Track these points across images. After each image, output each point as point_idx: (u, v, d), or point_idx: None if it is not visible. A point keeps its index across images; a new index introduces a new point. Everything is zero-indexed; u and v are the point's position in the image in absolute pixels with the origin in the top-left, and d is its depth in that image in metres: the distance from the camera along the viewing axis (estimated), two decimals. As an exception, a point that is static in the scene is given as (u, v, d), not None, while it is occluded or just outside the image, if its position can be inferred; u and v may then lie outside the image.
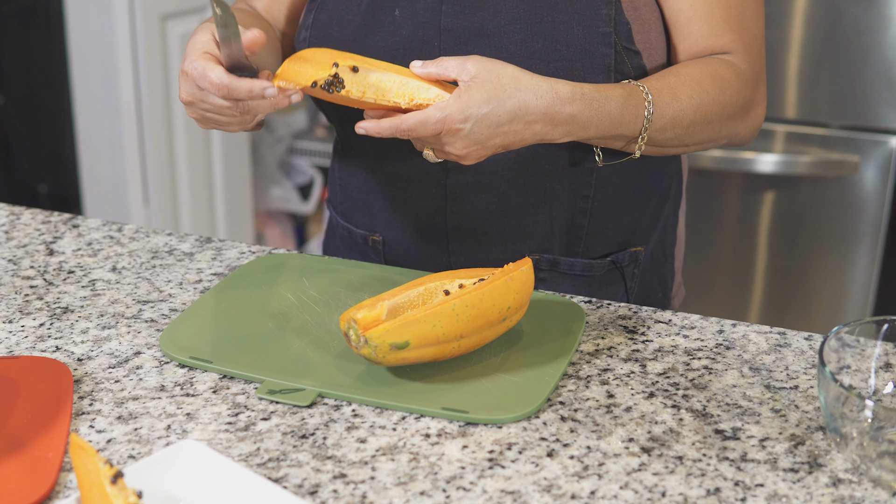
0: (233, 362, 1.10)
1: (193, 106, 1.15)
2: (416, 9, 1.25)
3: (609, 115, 1.15)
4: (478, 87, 1.08)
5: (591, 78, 1.20)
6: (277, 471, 0.94)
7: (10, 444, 0.99)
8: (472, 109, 1.08)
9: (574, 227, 1.30)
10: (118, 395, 1.06)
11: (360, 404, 1.04)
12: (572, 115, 1.13)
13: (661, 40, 1.27)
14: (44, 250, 1.38)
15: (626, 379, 1.09)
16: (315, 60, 1.10)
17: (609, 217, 1.31)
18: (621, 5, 1.22)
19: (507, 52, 1.21)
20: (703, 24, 1.25)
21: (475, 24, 1.23)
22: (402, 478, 0.93)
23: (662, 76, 1.22)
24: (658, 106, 1.18)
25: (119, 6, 2.89)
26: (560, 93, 1.11)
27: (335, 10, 1.30)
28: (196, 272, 1.32)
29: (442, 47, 1.24)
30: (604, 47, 1.21)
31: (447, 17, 1.24)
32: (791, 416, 1.03)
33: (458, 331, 1.04)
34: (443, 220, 1.31)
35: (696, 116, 1.21)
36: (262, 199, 3.53)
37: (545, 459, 0.96)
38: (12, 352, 1.15)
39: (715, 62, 1.24)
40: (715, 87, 1.21)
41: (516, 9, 1.22)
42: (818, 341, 1.17)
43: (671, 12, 1.26)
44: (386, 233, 1.36)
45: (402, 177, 1.31)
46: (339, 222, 1.42)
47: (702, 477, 0.94)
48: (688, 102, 1.20)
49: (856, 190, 2.54)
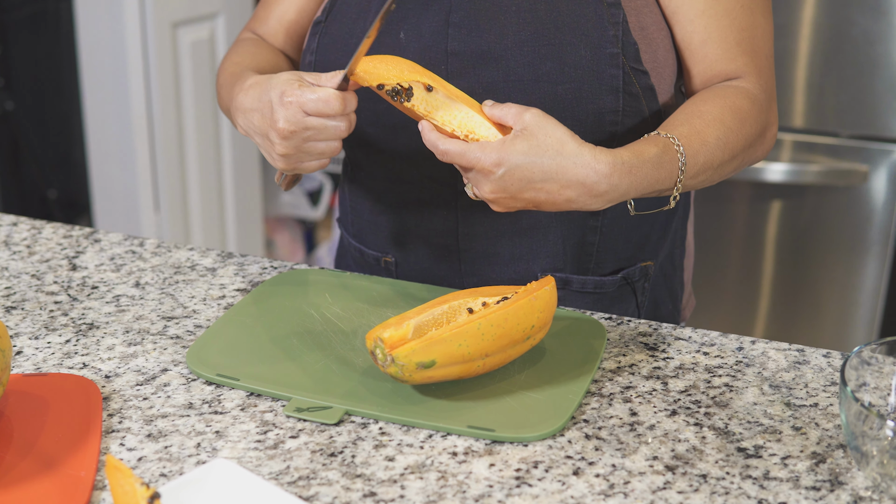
0: (260, 380, 1.11)
1: (294, 136, 1.16)
2: (421, 32, 1.26)
3: (647, 177, 1.14)
4: (522, 139, 1.09)
5: (599, 99, 1.21)
6: (308, 489, 0.96)
7: (43, 463, 1.00)
8: (508, 157, 1.08)
9: (585, 245, 1.32)
10: (147, 412, 1.08)
11: (386, 422, 1.06)
12: (612, 186, 1.11)
13: (668, 58, 1.28)
14: (66, 265, 1.39)
15: (649, 396, 1.10)
16: (395, 66, 1.13)
17: (619, 233, 1.33)
18: (628, 26, 1.23)
19: (515, 74, 1.22)
20: (717, 48, 1.26)
21: (482, 47, 1.24)
22: (432, 496, 0.95)
23: (688, 119, 1.20)
24: (690, 155, 1.17)
25: (130, 13, 2.90)
26: (600, 165, 1.10)
27: (339, 34, 1.31)
28: (219, 288, 1.33)
29: (449, 70, 1.25)
30: (612, 68, 1.22)
31: (453, 41, 1.25)
32: (812, 434, 1.05)
33: (484, 349, 1.06)
34: (454, 242, 1.32)
35: (725, 156, 1.21)
36: (271, 206, 3.54)
37: (571, 478, 0.98)
38: (40, 368, 1.16)
39: (732, 94, 1.24)
40: (737, 122, 1.22)
41: (523, 31, 1.23)
42: (836, 358, 1.18)
43: (684, 34, 1.26)
44: (398, 254, 1.37)
45: (413, 200, 1.32)
46: (352, 243, 1.43)
47: (726, 495, 0.95)
48: (715, 144, 1.20)
49: (865, 199, 2.55)
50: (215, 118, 3.17)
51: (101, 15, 2.97)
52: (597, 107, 1.21)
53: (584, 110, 1.21)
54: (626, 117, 1.23)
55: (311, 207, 3.57)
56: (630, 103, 1.22)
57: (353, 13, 1.30)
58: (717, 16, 1.25)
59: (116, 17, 2.93)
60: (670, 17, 1.26)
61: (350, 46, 1.29)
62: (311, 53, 1.33)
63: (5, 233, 1.49)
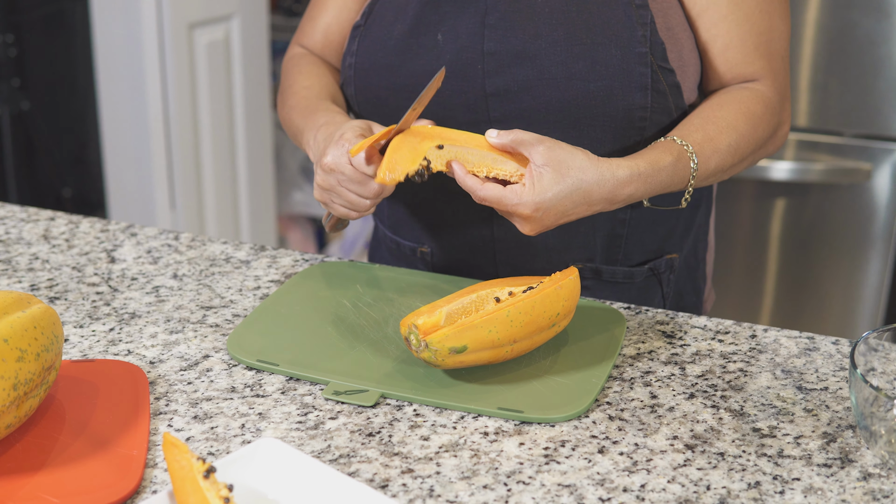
0: (298, 365, 1.17)
1: (332, 174, 1.25)
2: (458, 33, 1.32)
3: (661, 183, 1.24)
4: (550, 179, 1.16)
5: (629, 96, 1.28)
6: (349, 466, 1.02)
7: (96, 443, 1.06)
8: (543, 202, 1.16)
9: (614, 237, 1.38)
10: (192, 395, 1.14)
11: (420, 404, 1.11)
12: (630, 195, 1.22)
13: (692, 57, 1.34)
14: (105, 258, 1.45)
15: (668, 381, 1.16)
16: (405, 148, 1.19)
17: (646, 226, 1.39)
18: (656, 26, 1.29)
19: (548, 73, 1.28)
20: (737, 52, 1.33)
21: (517, 47, 1.30)
22: (466, 472, 1.01)
23: (703, 125, 1.29)
24: (701, 162, 1.27)
25: (147, 15, 2.96)
26: (620, 179, 1.20)
27: (378, 36, 1.37)
28: (254, 279, 1.39)
29: (485, 70, 1.31)
30: (641, 66, 1.28)
31: (489, 41, 1.31)
32: (822, 416, 1.11)
33: (512, 335, 1.12)
34: (490, 233, 1.38)
35: (735, 160, 1.30)
36: (284, 204, 3.60)
37: (597, 455, 1.03)
38: (86, 355, 1.22)
39: (747, 99, 1.32)
40: (749, 128, 1.30)
41: (556, 32, 1.29)
42: (845, 346, 1.24)
43: (707, 37, 1.33)
44: (434, 245, 1.43)
45: (449, 192, 1.38)
46: (387, 234, 1.49)
47: (742, 472, 1.01)
48: (726, 150, 1.29)
49: (868, 197, 2.61)
50: (230, 117, 3.22)
51: (117, 16, 3.02)
52: (627, 104, 1.27)
53: (614, 107, 1.27)
54: (655, 113, 1.29)
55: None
56: (658, 100, 1.29)
57: (391, 16, 1.36)
58: (738, 21, 1.31)
59: (133, 18, 2.99)
60: (694, 20, 1.32)
61: (388, 48, 1.35)
62: (351, 56, 1.39)
63: (43, 227, 1.55)
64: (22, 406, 1.03)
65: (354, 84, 1.38)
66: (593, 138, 1.30)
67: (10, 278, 1.39)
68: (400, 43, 1.34)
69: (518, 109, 1.30)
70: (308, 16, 1.51)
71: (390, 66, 1.34)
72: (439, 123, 1.32)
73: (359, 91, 1.38)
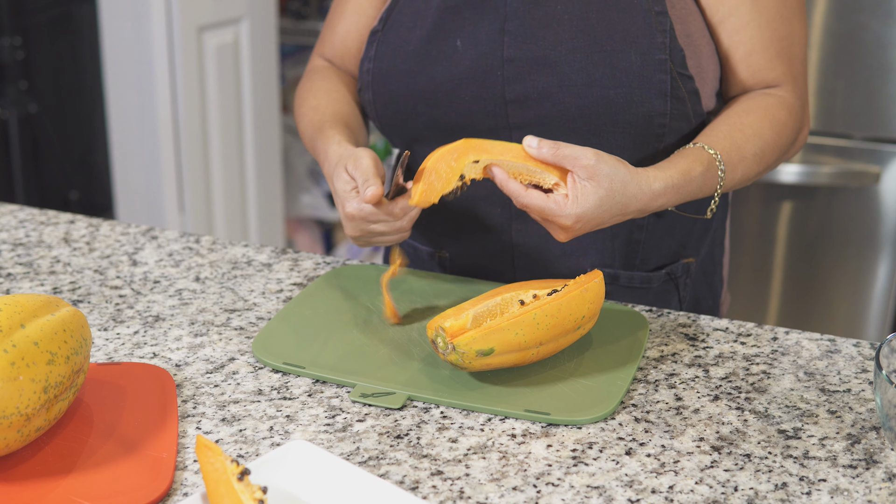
0: (324, 368, 1.18)
1: (360, 237, 1.27)
2: (477, 39, 1.33)
3: (691, 193, 1.26)
4: (593, 192, 1.16)
5: (648, 102, 1.28)
6: (378, 468, 1.02)
7: (125, 446, 1.07)
8: (584, 214, 1.17)
9: (631, 242, 1.39)
10: (219, 398, 1.14)
11: (447, 407, 1.12)
12: (661, 205, 1.24)
13: (711, 64, 1.35)
14: (127, 261, 1.46)
15: (692, 383, 1.17)
16: (441, 169, 1.17)
17: (664, 231, 1.40)
18: (675, 33, 1.30)
19: (568, 80, 1.29)
20: (760, 59, 1.34)
21: (537, 53, 1.30)
22: (495, 474, 1.02)
23: (730, 133, 1.30)
24: (729, 171, 1.29)
25: (157, 17, 2.97)
26: (655, 191, 1.21)
27: (396, 42, 1.38)
28: (276, 282, 1.40)
29: (505, 76, 1.31)
30: (660, 73, 1.29)
31: (509, 48, 1.32)
32: (846, 417, 1.11)
33: (538, 338, 1.13)
34: (508, 238, 1.39)
35: (760, 167, 1.32)
36: (292, 207, 3.61)
37: (624, 457, 1.04)
38: (111, 358, 1.23)
39: (772, 105, 1.33)
40: (774, 136, 1.32)
41: (576, 38, 1.30)
42: (866, 348, 1.25)
43: (729, 43, 1.34)
44: (452, 249, 1.44)
45: (469, 197, 1.39)
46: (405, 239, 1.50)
47: (769, 473, 1.02)
48: (752, 159, 1.30)
49: (876, 200, 2.62)
50: (238, 121, 3.23)
51: (126, 19, 3.03)
52: (646, 110, 1.28)
53: (634, 113, 1.28)
54: (674, 120, 1.30)
55: (330, 209, 3.63)
56: (677, 106, 1.29)
57: (409, 22, 1.36)
58: (761, 27, 1.32)
59: (142, 21, 2.99)
60: (715, 27, 1.33)
61: (406, 54, 1.35)
62: (368, 61, 1.39)
63: (63, 230, 1.56)
64: (52, 409, 1.04)
65: (372, 89, 1.38)
66: (613, 145, 1.30)
67: (32, 281, 1.40)
68: (418, 49, 1.35)
69: (538, 116, 1.30)
70: (327, 25, 1.52)
71: (409, 72, 1.35)
72: (460, 130, 1.33)
73: (376, 96, 1.38)
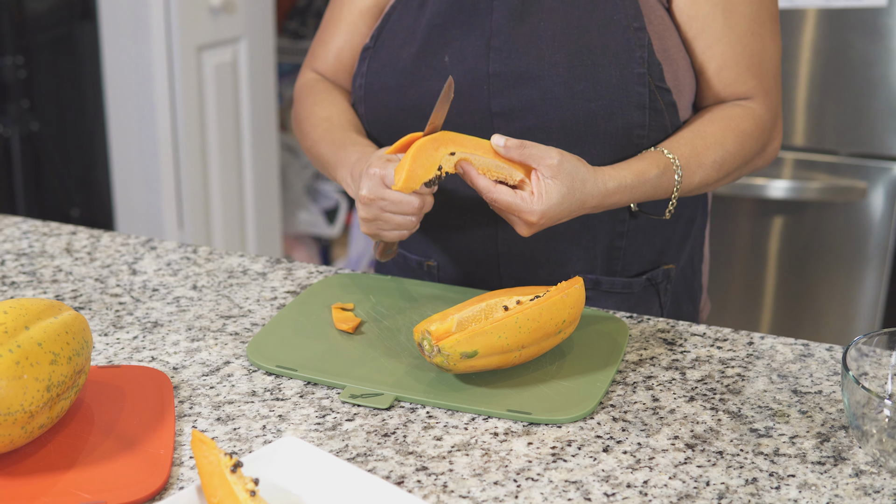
0: (316, 370, 1.22)
1: (373, 204, 1.29)
2: (464, 55, 1.38)
3: (645, 193, 1.34)
4: (556, 191, 1.24)
5: (628, 114, 1.34)
6: (366, 464, 1.07)
7: (124, 443, 1.11)
8: (549, 210, 1.25)
9: (613, 249, 1.44)
10: (214, 399, 1.19)
11: (433, 407, 1.17)
12: (615, 202, 1.32)
13: (687, 77, 1.40)
14: (127, 270, 1.51)
15: (669, 385, 1.22)
16: (422, 156, 1.24)
17: (644, 239, 1.45)
18: (653, 48, 1.35)
19: (551, 93, 1.34)
20: (731, 73, 1.39)
21: (521, 68, 1.36)
22: (477, 470, 1.06)
23: (690, 140, 1.37)
24: (686, 175, 1.36)
25: (157, 37, 3.02)
26: (609, 189, 1.30)
27: (387, 58, 1.43)
28: (270, 290, 1.45)
29: (491, 90, 1.37)
30: (639, 87, 1.34)
31: (494, 63, 1.37)
32: (816, 417, 1.16)
33: (521, 341, 1.17)
34: (494, 246, 1.44)
35: (720, 174, 1.39)
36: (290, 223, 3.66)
37: (602, 454, 1.09)
38: (112, 361, 1.27)
39: (738, 115, 1.40)
40: (737, 145, 1.38)
41: (558, 53, 1.35)
42: (838, 352, 1.30)
43: (703, 58, 1.39)
44: (440, 258, 1.49)
45: (456, 207, 1.44)
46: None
47: (740, 469, 1.07)
48: (711, 165, 1.37)
49: (863, 215, 2.66)
50: (237, 139, 3.29)
51: (127, 39, 3.08)
52: (626, 122, 1.33)
53: (614, 125, 1.33)
54: (652, 131, 1.35)
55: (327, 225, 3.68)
56: (655, 118, 1.35)
57: (400, 39, 1.42)
58: (732, 43, 1.38)
59: (142, 40, 3.05)
60: (690, 42, 1.38)
61: (397, 70, 1.41)
62: (360, 76, 1.44)
63: (66, 241, 1.61)
64: (54, 407, 1.08)
65: (364, 103, 1.44)
66: (594, 154, 1.35)
67: (35, 289, 1.45)
68: (409, 65, 1.40)
69: (522, 128, 1.36)
70: (319, 40, 1.57)
71: (399, 87, 1.40)
72: None
73: (368, 110, 1.43)
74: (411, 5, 1.42)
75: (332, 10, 1.55)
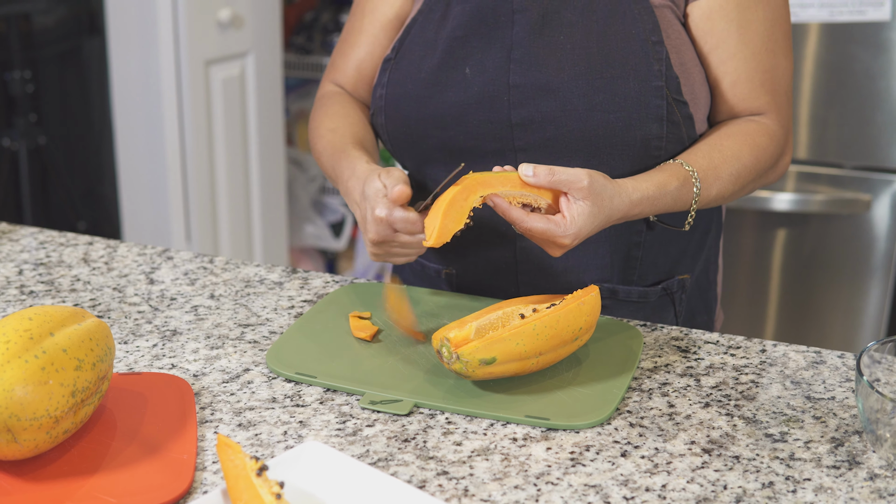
0: (335, 377, 1.24)
1: (383, 245, 1.32)
2: (485, 67, 1.40)
3: (665, 205, 1.35)
4: (588, 212, 1.26)
5: (646, 126, 1.35)
6: (387, 469, 1.08)
7: (147, 448, 1.13)
8: (582, 231, 1.26)
9: (629, 259, 1.46)
10: (235, 405, 1.20)
11: (452, 413, 1.18)
12: (638, 214, 1.34)
13: (703, 91, 1.42)
14: (144, 279, 1.52)
15: (684, 391, 1.23)
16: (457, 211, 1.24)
17: (660, 249, 1.47)
18: (671, 62, 1.37)
19: (570, 105, 1.36)
20: (744, 89, 1.42)
21: (541, 80, 1.38)
22: (497, 474, 1.08)
23: (708, 153, 1.39)
24: (704, 188, 1.38)
25: (165, 52, 3.05)
26: (633, 201, 1.31)
27: (408, 69, 1.45)
28: (287, 299, 1.46)
29: (511, 101, 1.39)
30: (657, 99, 1.36)
31: (515, 75, 1.39)
32: (830, 423, 1.18)
33: (538, 348, 1.19)
34: (512, 255, 1.46)
35: (735, 187, 1.41)
36: (296, 236, 3.67)
37: (620, 459, 1.10)
38: (132, 369, 1.29)
39: (753, 130, 1.42)
40: (752, 158, 1.40)
41: (578, 66, 1.37)
42: (850, 359, 1.32)
43: (717, 73, 1.42)
44: (458, 266, 1.51)
45: (475, 217, 1.45)
46: (412, 257, 1.57)
47: (757, 473, 1.08)
48: (728, 178, 1.39)
49: (867, 227, 2.68)
50: (244, 152, 3.31)
51: (134, 53, 3.11)
52: (644, 134, 1.35)
53: (632, 137, 1.35)
54: (669, 143, 1.37)
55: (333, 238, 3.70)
56: (672, 131, 1.37)
57: (421, 51, 1.44)
58: (746, 59, 1.40)
59: (151, 55, 3.07)
60: (705, 57, 1.41)
61: (418, 81, 1.43)
62: (381, 87, 1.46)
63: (83, 251, 1.62)
64: (78, 413, 1.10)
65: (385, 114, 1.45)
66: (612, 166, 1.37)
67: (53, 298, 1.46)
68: (430, 76, 1.42)
69: (542, 139, 1.37)
70: (339, 53, 1.59)
71: (420, 98, 1.42)
72: (468, 152, 1.40)
73: (389, 120, 1.45)
74: (432, 18, 1.44)
75: (352, 21, 1.57)
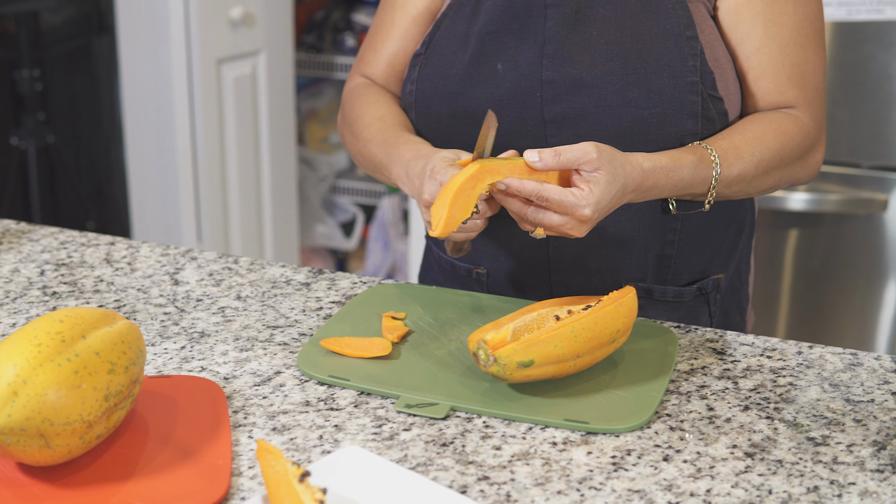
0: (369, 380, 1.22)
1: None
2: (518, 62, 1.39)
3: (682, 180, 1.32)
4: (603, 178, 1.23)
5: (681, 123, 1.34)
6: (427, 474, 1.07)
7: (181, 453, 1.11)
8: (602, 200, 1.23)
9: (664, 258, 1.44)
10: (268, 409, 1.19)
11: (489, 416, 1.17)
12: (653, 186, 1.30)
13: (736, 86, 1.41)
14: (168, 280, 1.51)
15: (722, 394, 1.22)
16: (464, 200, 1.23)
17: (694, 247, 1.45)
18: (705, 57, 1.36)
19: (604, 101, 1.35)
20: (769, 82, 1.40)
21: (574, 76, 1.36)
22: (539, 479, 1.06)
23: (730, 135, 1.37)
24: (724, 167, 1.34)
25: (177, 50, 3.03)
26: (645, 169, 1.28)
27: (439, 65, 1.43)
28: (315, 300, 1.45)
29: (544, 97, 1.37)
30: (692, 95, 1.34)
31: (548, 70, 1.37)
32: (871, 426, 1.16)
33: (576, 350, 1.17)
34: (545, 254, 1.44)
35: (758, 171, 1.37)
36: (307, 236, 3.66)
37: (662, 463, 1.09)
38: (161, 371, 1.27)
39: (779, 117, 1.40)
40: (776, 143, 1.38)
41: (612, 61, 1.35)
42: (887, 361, 1.30)
43: (741, 68, 1.41)
44: (490, 266, 1.49)
45: (506, 215, 1.44)
46: (443, 257, 1.55)
47: (801, 477, 1.07)
48: (750, 160, 1.36)
49: (883, 227, 2.67)
50: (255, 151, 3.29)
51: (145, 52, 3.09)
52: (679, 130, 1.34)
53: (667, 133, 1.34)
54: (704, 139, 1.35)
55: (344, 238, 3.68)
56: (707, 127, 1.35)
57: (452, 46, 1.42)
58: (772, 52, 1.38)
59: (162, 54, 3.06)
60: (732, 51, 1.40)
61: (449, 76, 1.41)
62: (411, 83, 1.45)
63: (105, 251, 1.61)
64: (112, 417, 1.08)
65: (415, 110, 1.44)
66: None
67: (77, 299, 1.44)
68: (461, 72, 1.41)
69: (575, 135, 1.36)
70: (370, 46, 1.57)
71: (451, 94, 1.41)
72: (498, 150, 1.38)
73: (419, 116, 1.44)
74: (463, 12, 1.43)
75: (382, 15, 1.55)
